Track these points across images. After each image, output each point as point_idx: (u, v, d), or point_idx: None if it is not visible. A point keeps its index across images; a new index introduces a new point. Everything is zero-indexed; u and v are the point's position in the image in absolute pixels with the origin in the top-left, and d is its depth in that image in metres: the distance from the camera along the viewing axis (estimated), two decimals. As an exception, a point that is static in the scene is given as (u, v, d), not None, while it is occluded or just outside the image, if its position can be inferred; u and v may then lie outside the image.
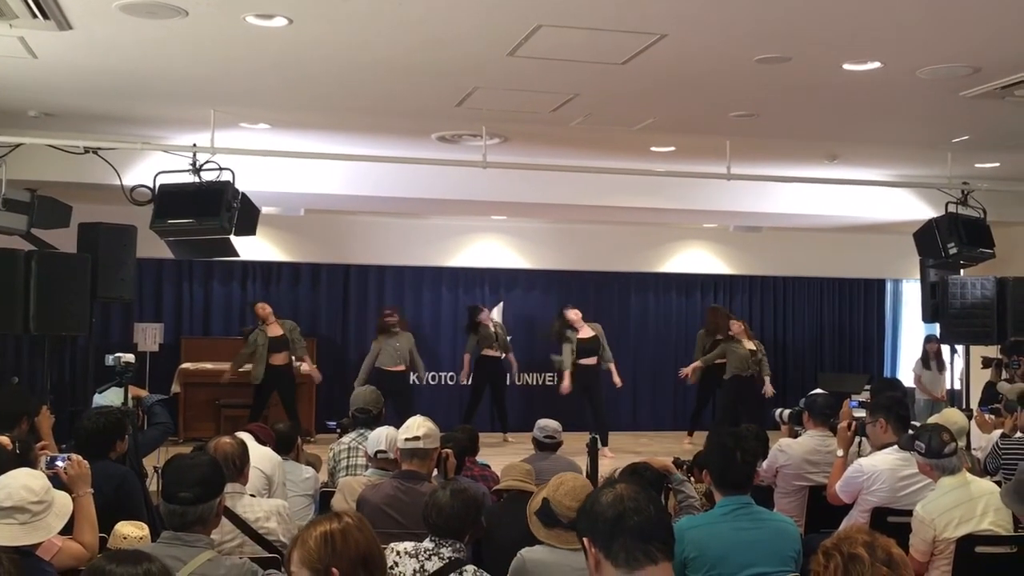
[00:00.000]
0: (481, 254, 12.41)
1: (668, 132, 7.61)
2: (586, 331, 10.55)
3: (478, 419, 10.92)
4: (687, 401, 13.18)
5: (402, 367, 10.69)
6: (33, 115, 7.12)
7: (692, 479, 5.17)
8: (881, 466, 4.77)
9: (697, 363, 11.19)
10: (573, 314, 10.60)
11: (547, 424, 6.03)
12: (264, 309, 10.47)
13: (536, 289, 12.97)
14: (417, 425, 4.43)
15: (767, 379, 10.76)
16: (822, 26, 4.85)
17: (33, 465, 3.70)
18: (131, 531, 3.72)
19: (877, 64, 5.47)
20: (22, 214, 6.77)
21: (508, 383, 11.82)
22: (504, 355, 11.54)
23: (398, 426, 4.75)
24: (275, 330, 10.38)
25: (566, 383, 10.41)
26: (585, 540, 2.30)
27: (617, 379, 10.73)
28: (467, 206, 10.34)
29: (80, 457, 3.93)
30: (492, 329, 11.48)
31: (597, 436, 7.10)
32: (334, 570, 2.35)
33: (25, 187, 6.90)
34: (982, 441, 6.55)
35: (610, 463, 8.04)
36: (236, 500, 3.94)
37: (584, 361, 10.51)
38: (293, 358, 10.54)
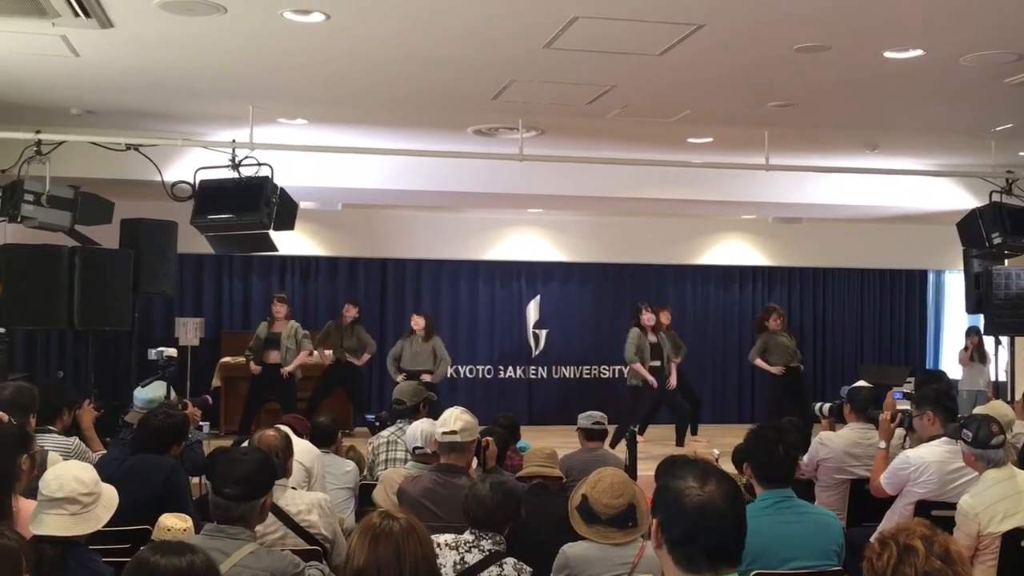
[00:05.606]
0: (517, 247, 12.41)
1: (705, 123, 7.56)
2: (650, 335, 10.18)
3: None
4: (722, 394, 13.13)
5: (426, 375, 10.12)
6: (76, 113, 7.24)
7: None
8: (929, 458, 4.70)
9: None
10: (645, 317, 10.24)
11: (592, 413, 6.03)
12: (276, 306, 9.96)
13: (572, 282, 12.93)
14: (454, 418, 4.38)
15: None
16: (863, 14, 4.78)
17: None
18: (175, 523, 3.77)
19: (919, 52, 5.39)
20: (66, 211, 6.86)
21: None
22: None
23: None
24: (278, 327, 9.89)
25: (649, 379, 9.95)
26: (655, 519, 2.14)
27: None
28: (503, 199, 10.34)
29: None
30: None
31: (635, 429, 7.11)
32: None
33: (68, 184, 6.99)
34: (1021, 428, 6.44)
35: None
36: (279, 493, 3.94)
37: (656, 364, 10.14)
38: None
